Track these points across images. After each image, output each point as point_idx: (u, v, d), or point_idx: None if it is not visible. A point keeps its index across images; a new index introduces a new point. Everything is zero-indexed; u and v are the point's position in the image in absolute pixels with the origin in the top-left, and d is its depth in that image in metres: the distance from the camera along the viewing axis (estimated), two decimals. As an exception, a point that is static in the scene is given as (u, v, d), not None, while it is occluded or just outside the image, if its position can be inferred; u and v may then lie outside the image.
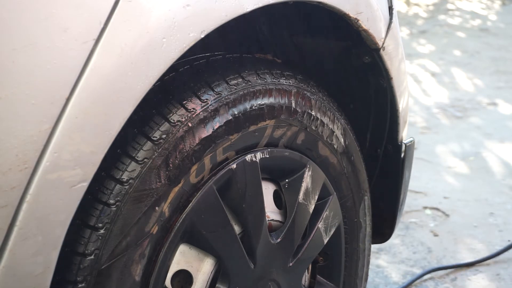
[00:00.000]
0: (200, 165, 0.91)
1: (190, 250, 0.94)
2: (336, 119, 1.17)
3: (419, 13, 6.65)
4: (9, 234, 0.67)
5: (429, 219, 2.42)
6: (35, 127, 0.66)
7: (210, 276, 0.96)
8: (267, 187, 1.08)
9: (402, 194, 1.42)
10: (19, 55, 0.65)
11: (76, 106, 0.69)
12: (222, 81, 0.96)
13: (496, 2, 7.10)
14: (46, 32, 0.66)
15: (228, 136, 0.95)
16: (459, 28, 5.97)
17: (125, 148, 0.83)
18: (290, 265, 1.10)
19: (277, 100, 1.03)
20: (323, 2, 1.00)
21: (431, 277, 2.01)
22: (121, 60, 0.72)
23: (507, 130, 3.38)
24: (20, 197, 0.67)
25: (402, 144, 1.36)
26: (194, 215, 0.91)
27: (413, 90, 4.08)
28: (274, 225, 1.08)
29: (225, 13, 0.83)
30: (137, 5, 0.73)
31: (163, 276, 0.90)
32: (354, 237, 1.29)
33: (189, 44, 0.79)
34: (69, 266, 0.80)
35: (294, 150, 1.10)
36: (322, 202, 1.16)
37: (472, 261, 2.07)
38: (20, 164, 0.66)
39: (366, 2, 1.11)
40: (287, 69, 1.11)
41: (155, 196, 0.85)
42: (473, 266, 2.06)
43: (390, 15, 1.21)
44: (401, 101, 1.29)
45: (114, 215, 0.81)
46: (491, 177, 2.82)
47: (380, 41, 1.17)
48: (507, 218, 2.41)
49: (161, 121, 0.87)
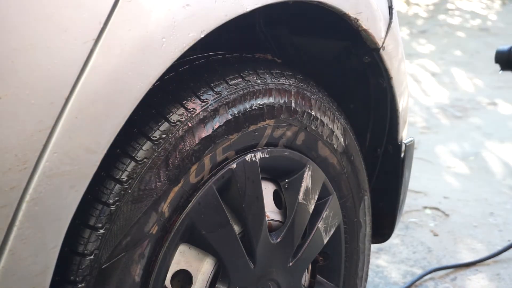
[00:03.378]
0: (200, 165, 0.91)
1: (190, 250, 0.94)
2: (336, 119, 1.17)
3: (419, 13, 6.65)
4: (9, 234, 0.67)
5: (429, 219, 2.42)
6: (35, 127, 0.66)
7: (210, 276, 0.96)
8: (267, 187, 1.08)
9: (402, 194, 1.42)
10: (19, 55, 0.65)
11: (76, 106, 0.69)
12: (222, 81, 0.96)
13: (496, 2, 7.10)
14: (46, 32, 0.66)
15: (228, 136, 0.95)
16: (459, 28, 5.98)
17: (125, 148, 0.83)
18: (290, 265, 1.10)
19: (277, 100, 1.03)
20: (323, 2, 1.00)
21: (431, 277, 2.00)
22: (121, 60, 0.72)
23: (507, 130, 3.38)
24: (20, 197, 0.67)
25: (402, 144, 1.36)
26: (194, 215, 0.91)
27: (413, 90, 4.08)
28: (274, 225, 1.08)
29: (225, 13, 0.83)
30: (136, 5, 0.73)
31: (163, 276, 0.90)
32: (354, 237, 1.29)
33: (189, 44, 0.79)
34: (68, 266, 0.80)
35: (294, 150, 1.10)
36: (322, 202, 1.16)
37: (473, 260, 2.07)
38: (20, 164, 0.66)
39: (366, 2, 1.11)
40: (287, 69, 1.10)
41: (155, 196, 0.85)
42: (473, 266, 2.06)
43: (390, 15, 1.21)
44: (401, 101, 1.29)
45: (113, 215, 0.81)
46: (491, 177, 2.83)
47: (380, 41, 1.17)
48: (507, 218, 2.41)
49: (161, 121, 0.87)
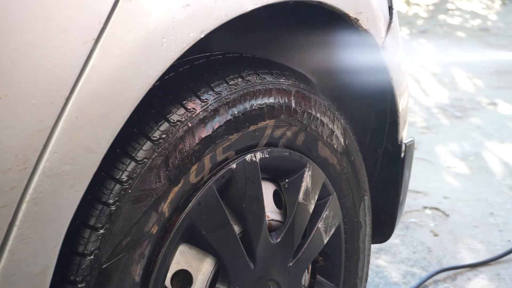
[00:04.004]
0: (200, 165, 0.91)
1: (190, 250, 0.94)
2: (336, 119, 1.17)
3: (419, 13, 6.65)
4: (9, 234, 0.67)
5: (429, 219, 2.42)
6: (35, 127, 0.66)
7: (210, 276, 0.96)
8: (267, 187, 1.08)
9: (402, 194, 1.42)
10: (19, 55, 0.65)
11: (76, 106, 0.69)
12: (222, 81, 0.96)
13: (496, 2, 7.10)
14: (46, 32, 0.66)
15: (228, 136, 0.95)
16: (459, 28, 5.97)
17: (125, 148, 0.83)
18: (290, 265, 1.10)
19: (277, 100, 1.03)
20: (323, 2, 1.00)
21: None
22: (121, 60, 0.72)
23: (507, 130, 3.38)
24: (20, 197, 0.67)
25: (402, 144, 1.36)
26: (194, 215, 0.91)
27: (413, 90, 4.08)
28: (274, 225, 1.08)
29: (225, 13, 0.83)
30: (136, 5, 0.73)
31: (163, 276, 0.90)
32: (354, 237, 1.29)
33: (189, 44, 0.79)
34: (68, 266, 0.80)
35: (294, 150, 1.10)
36: (322, 202, 1.16)
37: (476, 262, 2.06)
38: (20, 164, 0.66)
39: (366, 2, 1.11)
40: (287, 69, 1.10)
41: (155, 196, 0.85)
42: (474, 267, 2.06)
43: (390, 15, 1.21)
44: (401, 101, 1.29)
45: (113, 215, 0.81)
46: (491, 177, 2.82)
47: (380, 41, 1.17)
48: (507, 218, 2.41)
49: (161, 121, 0.87)
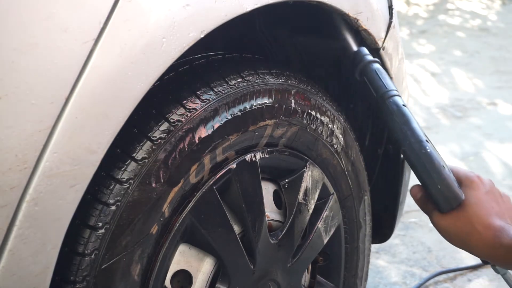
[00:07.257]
0: (200, 165, 0.91)
1: (190, 250, 0.94)
2: (336, 119, 1.17)
3: (419, 13, 6.65)
4: (9, 234, 0.67)
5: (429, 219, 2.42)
6: (35, 127, 0.66)
7: (210, 276, 0.96)
8: (267, 187, 1.08)
9: (402, 194, 1.42)
10: (19, 55, 0.65)
11: (76, 106, 0.69)
12: (222, 81, 0.96)
13: (496, 2, 7.10)
14: (46, 32, 0.66)
15: (228, 136, 0.95)
16: (459, 28, 5.97)
17: (125, 148, 0.83)
18: (290, 265, 1.10)
19: (277, 100, 1.03)
20: (323, 2, 1.00)
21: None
22: (121, 60, 0.72)
23: (507, 130, 3.38)
24: (20, 197, 0.67)
25: (402, 144, 1.36)
26: (194, 215, 0.91)
27: (413, 90, 4.08)
28: (274, 225, 1.08)
29: (225, 13, 0.83)
30: (136, 5, 0.73)
31: (162, 276, 0.90)
32: (354, 237, 1.29)
33: (189, 44, 0.79)
34: (68, 266, 0.80)
35: (294, 150, 1.10)
36: (322, 202, 1.16)
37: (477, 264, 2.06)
38: (20, 164, 0.66)
39: (366, 2, 1.11)
40: (287, 69, 1.10)
41: (155, 196, 0.85)
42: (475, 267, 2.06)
43: (390, 15, 1.21)
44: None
45: (113, 215, 0.81)
46: (491, 177, 2.82)
47: (380, 41, 1.17)
48: (507, 218, 2.40)
49: (161, 120, 0.87)
